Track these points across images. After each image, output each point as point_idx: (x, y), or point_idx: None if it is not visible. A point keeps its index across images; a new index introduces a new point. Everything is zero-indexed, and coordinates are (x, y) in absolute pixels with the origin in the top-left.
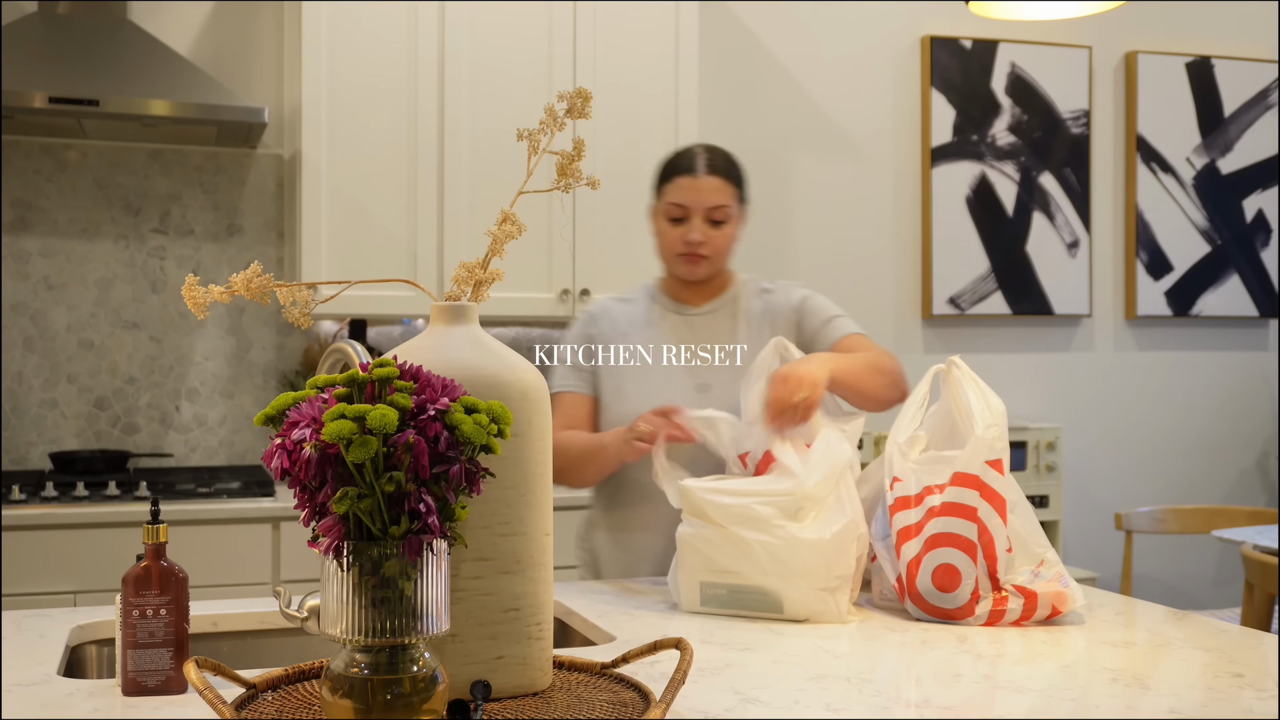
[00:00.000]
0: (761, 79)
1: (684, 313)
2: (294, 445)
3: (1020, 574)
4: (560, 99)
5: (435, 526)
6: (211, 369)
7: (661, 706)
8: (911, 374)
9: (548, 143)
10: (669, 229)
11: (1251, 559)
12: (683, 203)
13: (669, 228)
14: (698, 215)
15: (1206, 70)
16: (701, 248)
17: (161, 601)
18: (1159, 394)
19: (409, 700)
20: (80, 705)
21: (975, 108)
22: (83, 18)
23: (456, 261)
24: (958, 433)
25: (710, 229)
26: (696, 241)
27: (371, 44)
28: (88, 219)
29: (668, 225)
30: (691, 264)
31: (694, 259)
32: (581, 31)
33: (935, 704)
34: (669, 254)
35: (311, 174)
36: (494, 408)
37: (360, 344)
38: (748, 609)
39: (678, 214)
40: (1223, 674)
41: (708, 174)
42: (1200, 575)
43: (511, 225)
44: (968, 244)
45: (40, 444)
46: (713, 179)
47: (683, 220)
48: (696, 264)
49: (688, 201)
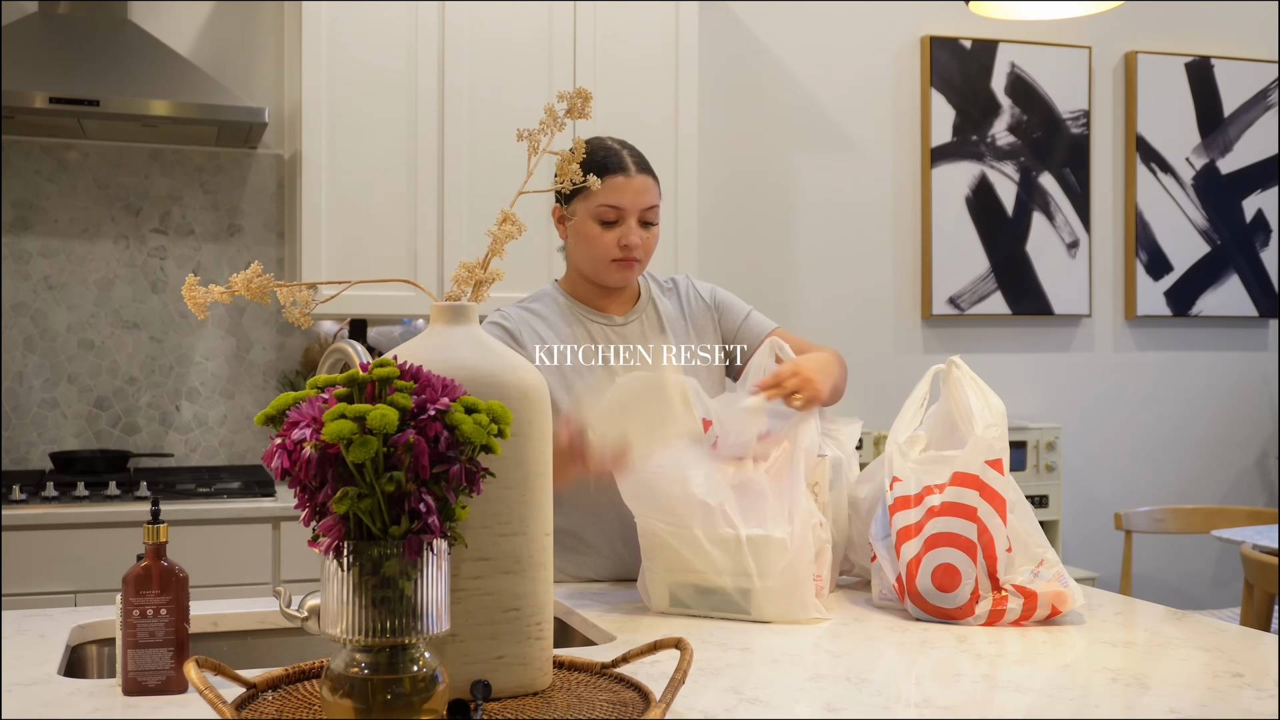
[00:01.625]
0: (761, 79)
1: (610, 323)
2: (294, 445)
3: (1020, 574)
4: (560, 99)
5: (435, 526)
6: (212, 369)
7: (661, 706)
8: (911, 374)
9: (548, 143)
10: (601, 233)
11: (1251, 559)
12: (618, 204)
13: (601, 231)
14: (633, 217)
15: (1206, 70)
16: (636, 251)
17: (162, 601)
18: (1159, 394)
19: (409, 700)
20: (81, 705)
21: (975, 108)
22: (83, 18)
23: (456, 261)
24: (957, 432)
25: (643, 231)
26: (634, 245)
27: (371, 44)
28: (88, 219)
29: (599, 229)
30: (626, 269)
31: (628, 264)
32: (581, 31)
33: (935, 704)
34: (600, 260)
35: (311, 174)
36: (494, 408)
37: (360, 344)
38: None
39: (611, 216)
40: (1222, 674)
41: (640, 172)
42: (1200, 575)
43: (511, 225)
44: (967, 244)
45: (40, 444)
46: (645, 177)
47: (616, 223)
48: (630, 269)
49: (623, 203)
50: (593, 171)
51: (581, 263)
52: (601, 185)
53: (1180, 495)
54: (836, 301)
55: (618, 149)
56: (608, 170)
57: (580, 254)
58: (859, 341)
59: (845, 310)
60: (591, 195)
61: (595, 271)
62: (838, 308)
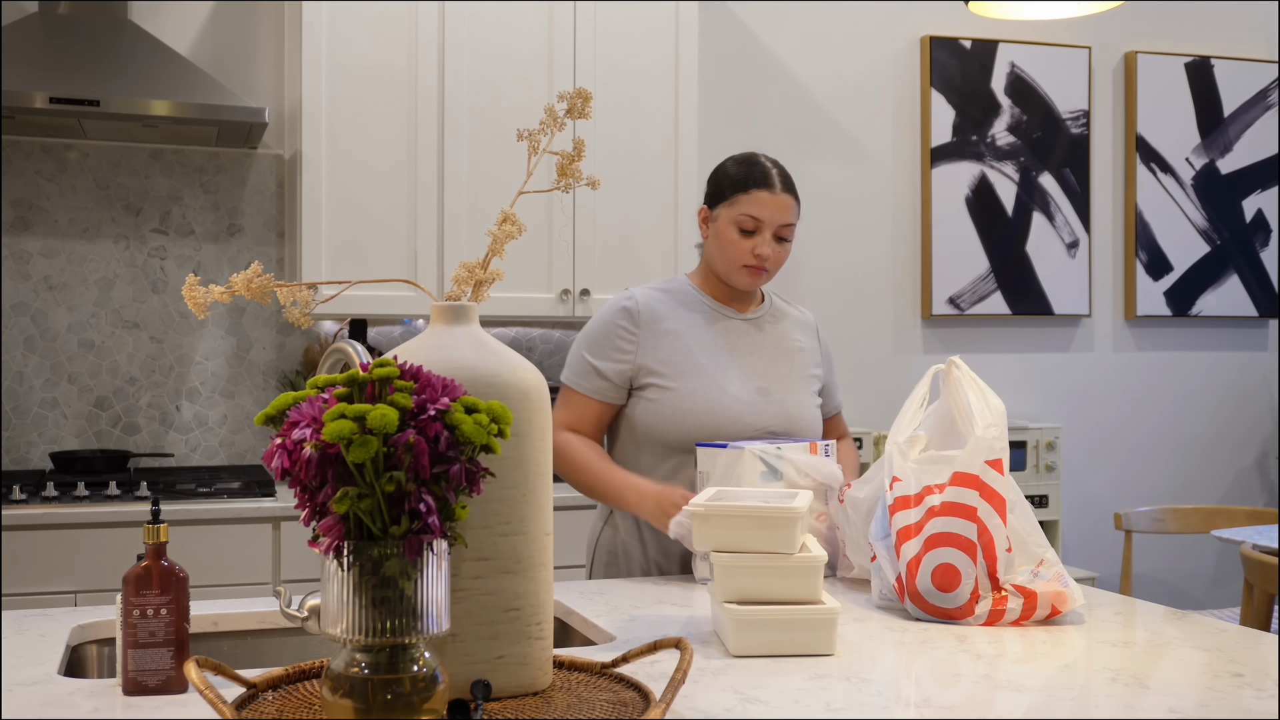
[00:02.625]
0: (761, 79)
1: (730, 316)
2: (294, 445)
3: (1020, 574)
4: (560, 99)
5: (435, 526)
6: (212, 369)
7: (661, 706)
8: (911, 374)
9: (548, 143)
10: (739, 239)
11: (1250, 559)
12: (759, 216)
13: (739, 238)
14: (769, 230)
15: (1206, 70)
16: (767, 261)
17: (162, 601)
18: (1158, 394)
19: (409, 700)
20: (81, 705)
21: (975, 108)
22: (83, 18)
23: (456, 261)
24: (958, 432)
25: (776, 245)
26: (766, 256)
27: (371, 44)
28: (88, 219)
29: (738, 235)
30: (754, 276)
31: (758, 271)
32: (581, 31)
33: (935, 704)
34: (732, 264)
35: (311, 174)
36: (494, 408)
37: (360, 344)
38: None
39: (750, 226)
40: (1222, 674)
41: (784, 191)
42: (1199, 575)
43: (511, 225)
44: (967, 244)
45: (41, 444)
46: (788, 196)
47: (754, 233)
48: (758, 276)
49: (764, 216)
50: (739, 183)
51: (716, 262)
52: (749, 196)
53: (1180, 495)
54: (836, 301)
55: (769, 166)
56: (756, 184)
57: (716, 253)
58: (859, 341)
59: (845, 310)
60: (736, 203)
61: (727, 272)
62: (838, 307)
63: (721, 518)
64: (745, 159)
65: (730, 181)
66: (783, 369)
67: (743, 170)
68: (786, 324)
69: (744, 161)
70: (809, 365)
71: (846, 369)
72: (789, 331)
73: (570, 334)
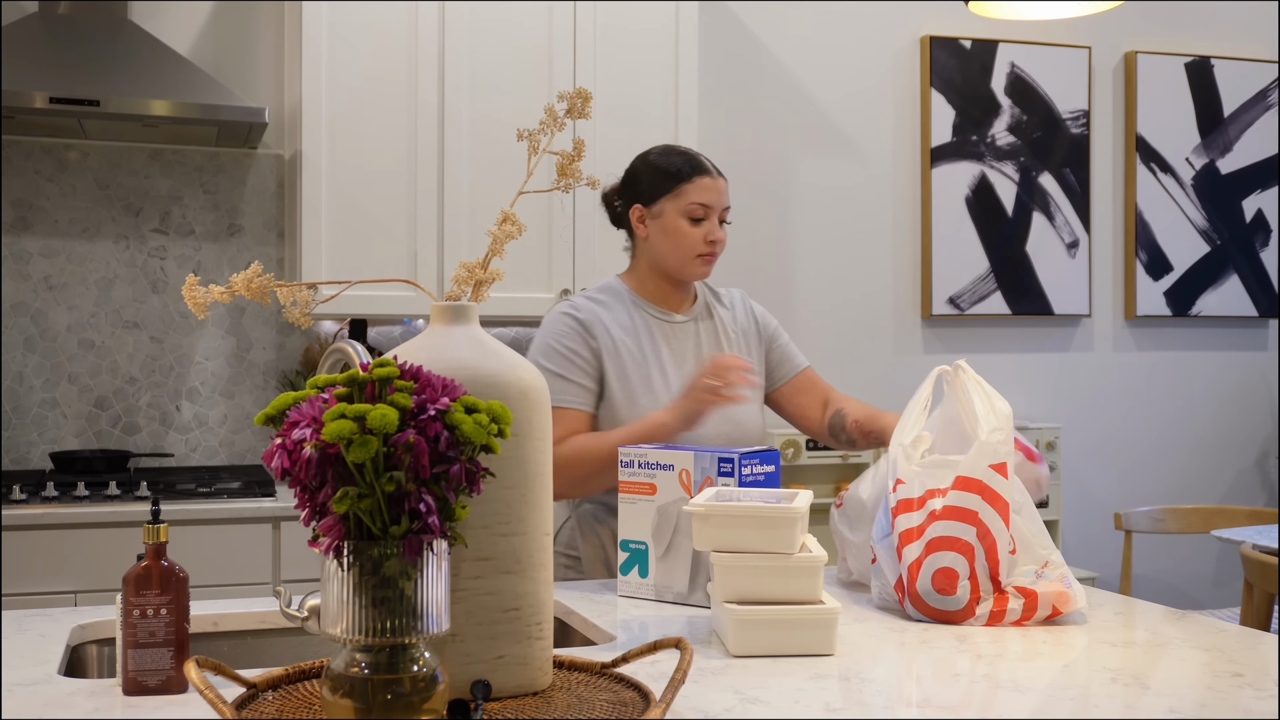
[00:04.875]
0: (761, 79)
1: (670, 320)
2: (294, 445)
3: (1023, 575)
4: (560, 99)
5: (435, 526)
6: (212, 369)
7: (661, 706)
8: (911, 374)
9: (548, 143)
10: (691, 229)
11: (1251, 559)
12: (707, 202)
13: (691, 227)
14: (716, 214)
15: (1206, 70)
16: (718, 246)
17: (162, 601)
18: (1158, 394)
19: (409, 700)
20: (81, 705)
21: (975, 108)
22: (83, 18)
23: (456, 261)
24: (963, 435)
25: (720, 229)
26: (719, 240)
27: (371, 44)
28: (88, 219)
29: (689, 225)
30: (708, 263)
31: (710, 258)
32: (581, 31)
33: (935, 703)
34: (687, 254)
35: (311, 174)
36: (494, 408)
37: (360, 344)
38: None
39: (700, 214)
40: (1222, 674)
41: (720, 175)
42: (1200, 575)
43: (511, 225)
44: (967, 244)
45: (41, 444)
46: (723, 179)
47: (703, 220)
48: (711, 263)
49: (711, 201)
50: (679, 173)
51: (667, 258)
52: (693, 185)
53: (1180, 495)
54: (836, 301)
55: (697, 155)
56: (697, 171)
57: (666, 249)
58: (859, 341)
59: (845, 310)
60: (682, 194)
61: (681, 266)
62: (838, 308)
63: (721, 517)
64: (669, 150)
65: (668, 174)
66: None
67: (677, 161)
68: (718, 315)
69: (671, 153)
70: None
71: (846, 369)
72: (723, 321)
73: None
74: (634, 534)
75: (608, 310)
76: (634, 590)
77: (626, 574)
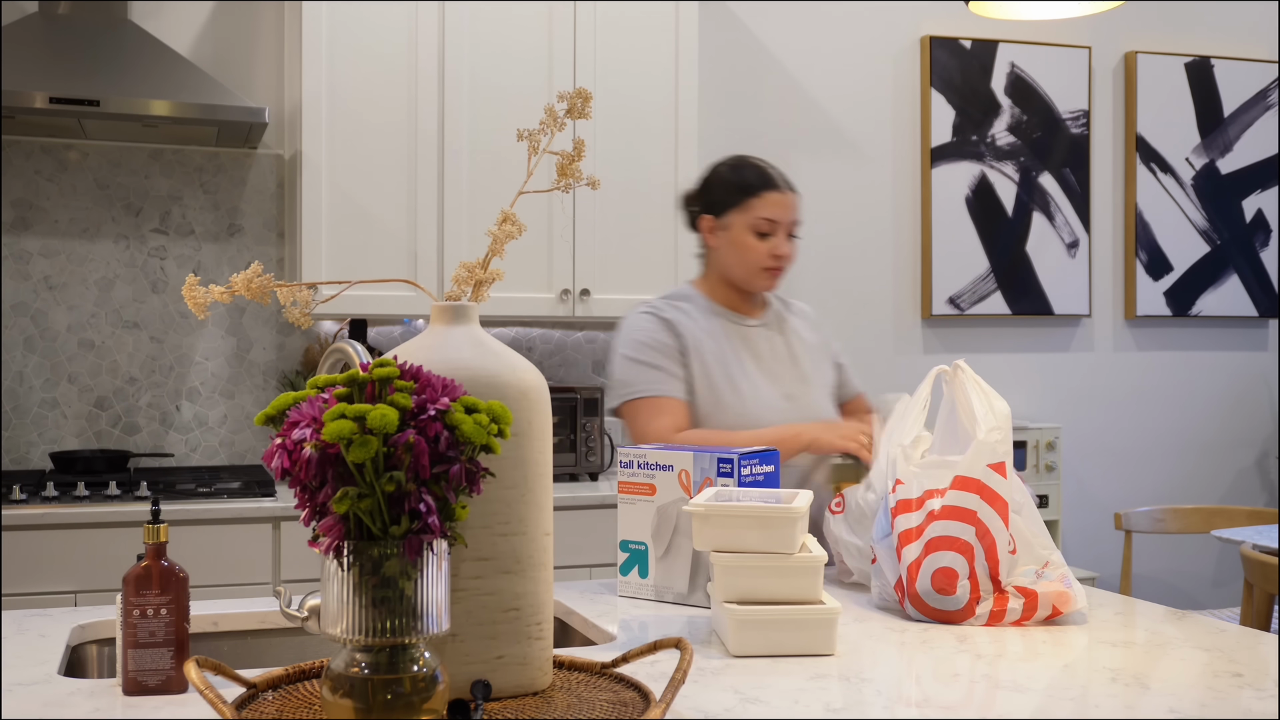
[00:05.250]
0: (761, 79)
1: (744, 324)
2: (294, 445)
3: (1023, 575)
4: (560, 99)
5: (435, 526)
6: (212, 369)
7: (661, 706)
8: (911, 374)
9: (548, 143)
10: (757, 243)
11: (1251, 559)
12: (775, 218)
13: (757, 242)
14: (784, 229)
15: (1206, 70)
16: (785, 260)
17: (162, 601)
18: (1158, 394)
19: (409, 700)
20: (81, 705)
21: (975, 108)
22: (83, 18)
23: (456, 261)
24: (962, 435)
25: (787, 244)
26: (786, 256)
27: (371, 44)
28: (88, 219)
29: (755, 239)
30: (774, 277)
31: (777, 273)
32: (581, 31)
33: (935, 703)
34: (753, 267)
35: (311, 174)
36: (494, 408)
37: (360, 344)
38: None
39: (767, 229)
40: (1222, 674)
41: (789, 190)
42: (1200, 575)
43: (511, 225)
44: (967, 244)
45: (41, 444)
46: (794, 195)
47: (770, 235)
48: (777, 277)
49: (779, 216)
50: (748, 187)
51: (734, 270)
52: (760, 200)
53: (1180, 495)
54: (836, 301)
55: (768, 167)
56: (767, 186)
57: (733, 261)
58: (859, 341)
59: (845, 310)
60: (750, 209)
61: (747, 278)
62: (838, 308)
63: (721, 518)
64: (741, 163)
65: (737, 187)
66: (800, 371)
67: (748, 175)
68: (792, 322)
69: (743, 166)
70: (821, 362)
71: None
72: (797, 330)
73: (570, 334)
74: (634, 534)
75: (684, 314)
76: (634, 590)
77: (626, 574)
